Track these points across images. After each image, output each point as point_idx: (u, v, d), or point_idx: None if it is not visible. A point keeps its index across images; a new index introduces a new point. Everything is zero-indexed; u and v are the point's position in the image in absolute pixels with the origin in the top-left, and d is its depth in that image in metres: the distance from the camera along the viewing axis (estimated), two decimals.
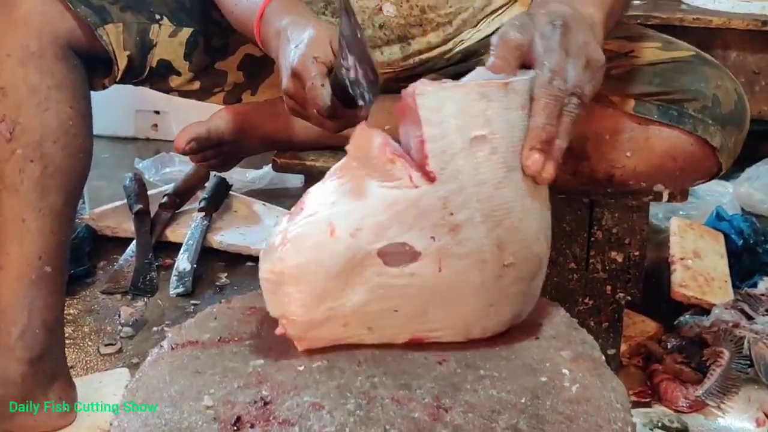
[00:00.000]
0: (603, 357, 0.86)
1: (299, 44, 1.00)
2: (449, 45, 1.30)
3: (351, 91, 0.94)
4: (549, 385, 0.81)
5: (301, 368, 0.84)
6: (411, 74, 1.33)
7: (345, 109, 0.97)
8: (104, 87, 1.29)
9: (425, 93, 0.79)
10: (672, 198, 1.24)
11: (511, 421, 0.76)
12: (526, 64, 0.84)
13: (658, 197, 1.22)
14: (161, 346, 0.89)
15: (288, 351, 0.87)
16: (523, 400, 0.79)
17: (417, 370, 0.83)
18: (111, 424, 0.77)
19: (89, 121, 1.20)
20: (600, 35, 0.91)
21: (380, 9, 1.26)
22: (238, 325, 0.93)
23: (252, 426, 0.76)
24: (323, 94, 0.96)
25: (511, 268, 0.84)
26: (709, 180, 1.19)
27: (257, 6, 1.10)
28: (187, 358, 0.87)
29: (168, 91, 1.39)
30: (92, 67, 1.22)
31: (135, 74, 1.30)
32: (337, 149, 1.38)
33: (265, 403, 0.79)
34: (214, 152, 1.38)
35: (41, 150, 1.13)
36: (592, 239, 1.32)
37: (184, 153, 1.34)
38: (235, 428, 0.76)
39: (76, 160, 1.17)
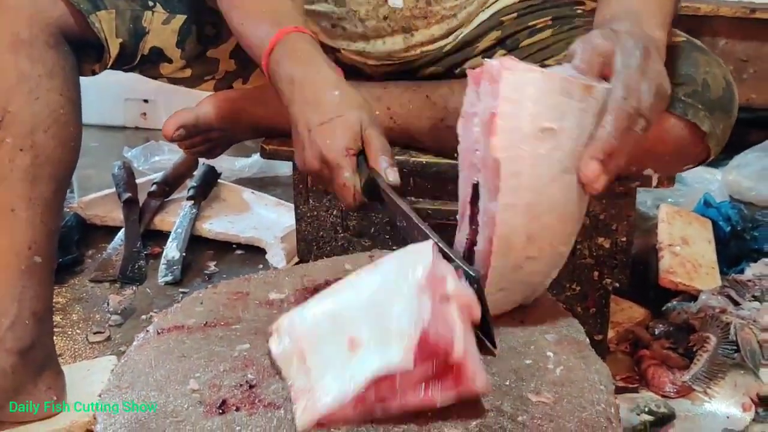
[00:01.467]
0: (587, 340, 0.87)
1: (328, 126, 0.99)
2: (450, 38, 1.30)
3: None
4: (533, 368, 0.81)
5: None
6: (411, 67, 1.33)
7: (370, 201, 0.98)
8: (93, 73, 1.28)
9: (511, 69, 0.79)
10: (658, 184, 1.24)
11: (495, 403, 0.76)
12: (603, 75, 0.85)
13: (647, 182, 1.22)
14: (147, 331, 0.89)
15: None
16: (507, 383, 0.79)
17: None
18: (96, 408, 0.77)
19: (79, 108, 1.19)
20: (664, 59, 0.92)
21: (386, 0, 1.26)
22: (225, 310, 0.93)
23: (237, 409, 0.76)
24: (356, 193, 0.97)
25: (533, 261, 0.85)
26: (697, 166, 1.20)
27: (267, 36, 1.07)
28: (173, 343, 0.87)
29: (158, 77, 1.39)
30: (82, 52, 1.21)
31: (126, 61, 1.29)
32: None
33: (251, 387, 0.79)
34: (202, 139, 1.37)
35: (32, 139, 1.12)
36: None
37: (172, 140, 1.33)
38: (221, 411, 0.76)
39: (66, 148, 1.16)
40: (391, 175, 0.97)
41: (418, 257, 0.78)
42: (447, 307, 0.74)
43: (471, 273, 0.81)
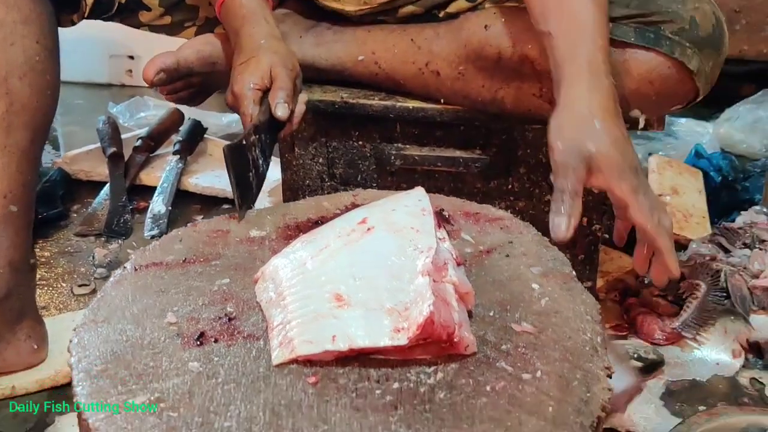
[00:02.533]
0: (573, 273, 0.85)
1: (243, 66, 1.14)
2: None
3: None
4: (518, 299, 0.80)
5: None
6: (388, 8, 1.31)
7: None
8: (72, 23, 1.25)
9: None
10: (648, 126, 1.22)
11: (479, 333, 0.75)
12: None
13: (634, 124, 1.20)
14: (124, 267, 0.88)
15: (254, 270, 0.86)
16: (491, 313, 0.78)
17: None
18: (71, 342, 0.75)
19: (57, 57, 1.17)
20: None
21: None
22: (204, 247, 0.91)
23: (216, 341, 0.75)
24: (252, 117, 1.11)
25: None
26: (686, 105, 1.18)
27: None
28: (150, 279, 0.85)
29: (138, 26, 1.36)
30: (60, 2, 1.18)
31: (103, 10, 1.26)
32: (312, 83, 1.36)
33: (230, 319, 0.78)
34: (183, 84, 1.34)
35: (6, 86, 1.10)
36: None
37: (152, 84, 1.31)
38: (199, 343, 0.74)
39: (42, 97, 1.14)
40: (279, 110, 1.10)
41: (421, 237, 0.77)
42: (446, 290, 0.73)
43: None
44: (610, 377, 0.71)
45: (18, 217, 1.14)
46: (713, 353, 1.31)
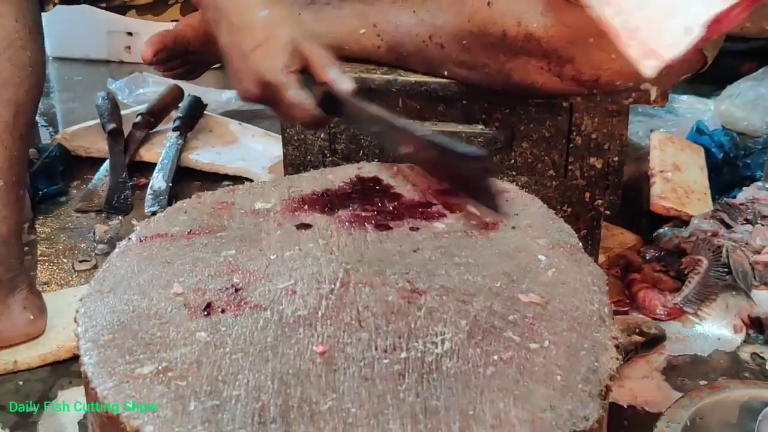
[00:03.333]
0: (580, 244, 0.85)
1: (261, 51, 0.98)
2: None
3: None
4: (525, 270, 0.80)
5: (274, 257, 0.83)
6: None
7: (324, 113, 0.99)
8: (54, 5, 1.25)
9: None
10: (656, 99, 1.22)
11: (486, 303, 0.75)
12: None
13: (645, 98, 1.20)
14: (129, 238, 0.87)
15: (260, 241, 0.86)
16: (498, 284, 0.78)
17: (392, 258, 0.82)
18: (77, 312, 0.75)
19: (38, 35, 1.17)
20: None
21: None
22: (209, 219, 0.91)
23: (223, 311, 0.75)
24: (309, 107, 0.97)
25: None
26: (695, 74, 1.18)
27: None
28: (156, 250, 0.85)
29: (122, 8, 1.35)
30: None
31: None
32: None
33: (237, 290, 0.78)
34: (181, 61, 1.34)
35: None
36: (572, 145, 1.30)
37: (151, 63, 1.31)
38: (206, 314, 0.74)
39: (24, 73, 1.14)
40: (345, 83, 0.98)
41: None
42: None
43: (476, 154, 0.87)
44: (618, 347, 0.71)
45: (5, 192, 1.14)
46: (714, 328, 1.31)
